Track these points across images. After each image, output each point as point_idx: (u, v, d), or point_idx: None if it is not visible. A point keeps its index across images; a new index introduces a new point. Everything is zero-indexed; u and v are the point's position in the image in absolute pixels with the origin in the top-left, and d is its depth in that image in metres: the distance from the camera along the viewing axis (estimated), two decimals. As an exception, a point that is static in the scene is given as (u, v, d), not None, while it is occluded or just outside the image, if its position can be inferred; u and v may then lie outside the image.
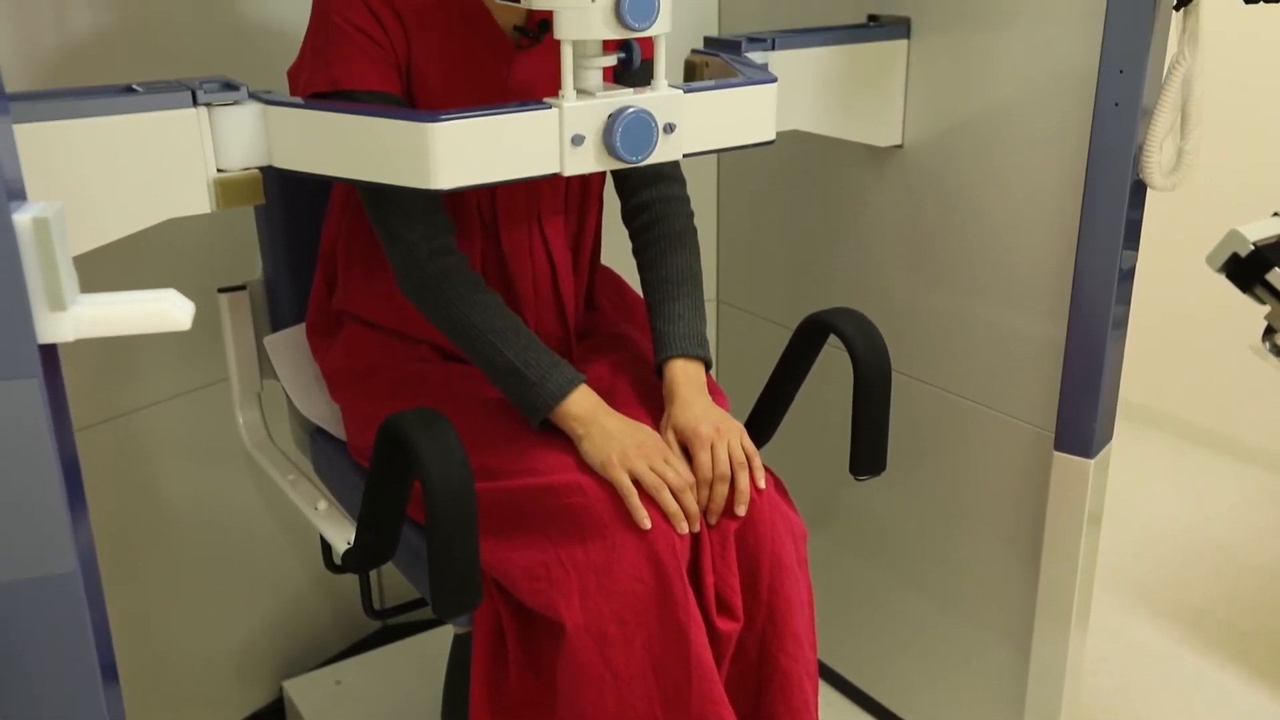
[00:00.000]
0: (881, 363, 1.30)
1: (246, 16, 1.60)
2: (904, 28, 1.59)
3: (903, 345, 1.67)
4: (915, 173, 1.64)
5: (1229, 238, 1.43)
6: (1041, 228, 1.48)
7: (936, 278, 1.66)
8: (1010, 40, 1.47)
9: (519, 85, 1.30)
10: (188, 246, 1.56)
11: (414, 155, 1.04)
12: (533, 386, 1.23)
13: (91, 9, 1.44)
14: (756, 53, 1.42)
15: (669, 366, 1.30)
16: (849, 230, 1.78)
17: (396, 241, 1.25)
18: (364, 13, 1.22)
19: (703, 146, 1.18)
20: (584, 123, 1.08)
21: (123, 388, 1.62)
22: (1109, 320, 1.42)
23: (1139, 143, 1.34)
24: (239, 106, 1.10)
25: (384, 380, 1.36)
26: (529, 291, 1.39)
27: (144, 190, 1.06)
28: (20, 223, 0.71)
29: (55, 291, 0.73)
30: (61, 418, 0.79)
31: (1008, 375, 1.59)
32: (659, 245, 1.38)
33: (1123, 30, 1.31)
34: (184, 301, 0.79)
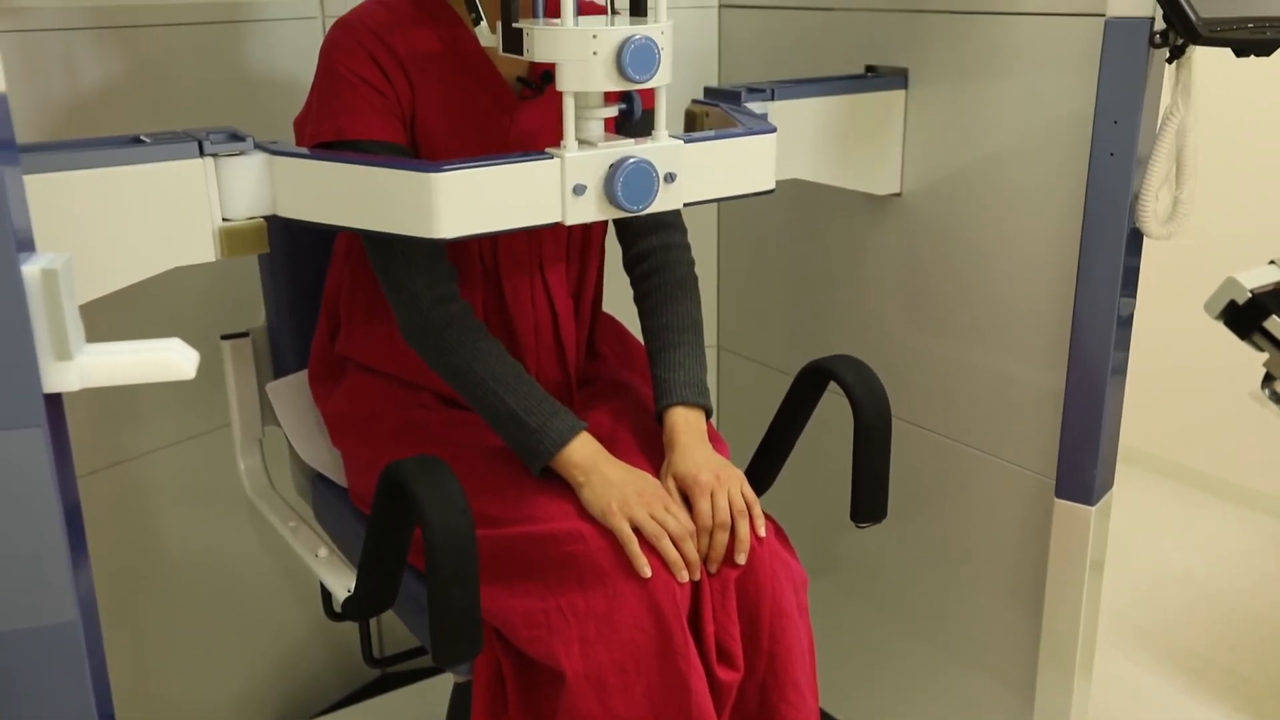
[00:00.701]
0: (881, 410, 1.30)
1: (253, 68, 1.63)
2: (901, 78, 1.61)
3: (903, 391, 1.67)
4: (914, 221, 1.66)
5: (1226, 285, 1.44)
6: (1039, 275, 1.49)
7: (936, 325, 1.66)
8: (1006, 91, 1.49)
9: (522, 135, 1.31)
10: (191, 293, 1.57)
11: (417, 205, 1.05)
12: (533, 434, 1.23)
13: (101, 60, 1.46)
14: (756, 103, 1.44)
15: (669, 414, 1.30)
16: (849, 277, 1.79)
17: (399, 289, 1.26)
18: (369, 64, 1.24)
19: (703, 196, 1.20)
20: (585, 173, 1.09)
21: (125, 433, 1.62)
22: (1108, 367, 1.43)
23: (1135, 191, 1.35)
24: (245, 156, 1.11)
25: (386, 427, 1.36)
26: (530, 339, 1.39)
27: (150, 239, 1.07)
28: (29, 274, 0.71)
29: (61, 341, 0.74)
30: (65, 466, 0.79)
31: (1008, 422, 1.59)
32: (660, 293, 1.39)
33: (1116, 82, 1.32)
34: (188, 351, 0.80)
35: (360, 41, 1.24)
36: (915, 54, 1.59)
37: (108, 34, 1.46)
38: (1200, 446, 2.88)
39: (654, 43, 1.07)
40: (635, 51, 1.05)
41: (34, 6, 1.37)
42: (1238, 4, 1.20)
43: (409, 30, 1.26)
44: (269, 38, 1.63)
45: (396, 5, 1.28)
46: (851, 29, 1.68)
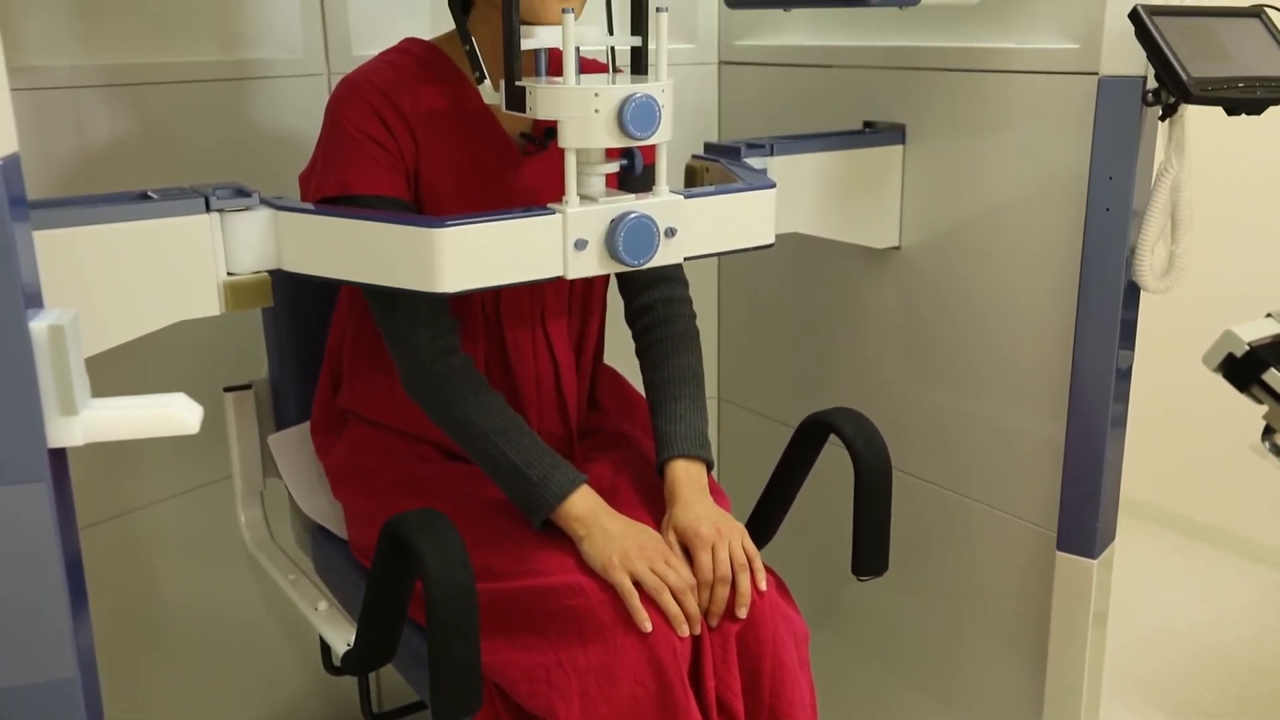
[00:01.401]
0: (882, 462, 1.30)
1: (259, 123, 1.65)
2: (899, 134, 1.63)
3: (903, 443, 1.67)
4: (913, 274, 1.67)
5: (1224, 338, 1.44)
6: (1038, 328, 1.50)
7: (935, 376, 1.67)
8: (1002, 146, 1.51)
9: (524, 190, 1.33)
10: (193, 344, 1.58)
11: (420, 259, 1.06)
12: (534, 487, 1.23)
13: (110, 117, 1.48)
14: (755, 158, 1.46)
15: (670, 467, 1.30)
16: (848, 329, 1.80)
17: (402, 343, 1.26)
18: (374, 120, 1.26)
19: (703, 250, 1.21)
20: (587, 227, 1.10)
21: (125, 485, 1.62)
22: (1108, 419, 1.43)
23: (1131, 245, 1.36)
24: (250, 212, 1.13)
25: (387, 479, 1.36)
26: (532, 391, 1.40)
27: (156, 293, 1.08)
28: (37, 330, 0.72)
29: (67, 397, 0.74)
30: (67, 521, 0.80)
31: (1008, 474, 1.59)
32: (662, 346, 1.40)
33: (1111, 139, 1.34)
34: (193, 405, 0.80)
35: (365, 99, 1.26)
36: (912, 110, 1.62)
37: (116, 91, 1.48)
38: (1202, 498, 2.87)
39: (655, 101, 1.08)
40: (636, 109, 1.07)
41: (47, 65, 1.40)
42: (1228, 64, 1.22)
43: (414, 88, 1.28)
44: (275, 94, 1.65)
45: (401, 63, 1.31)
46: (849, 86, 1.70)
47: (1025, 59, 1.46)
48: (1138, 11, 1.23)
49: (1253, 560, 2.78)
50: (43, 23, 1.40)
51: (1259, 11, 1.32)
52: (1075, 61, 1.39)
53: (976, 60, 1.52)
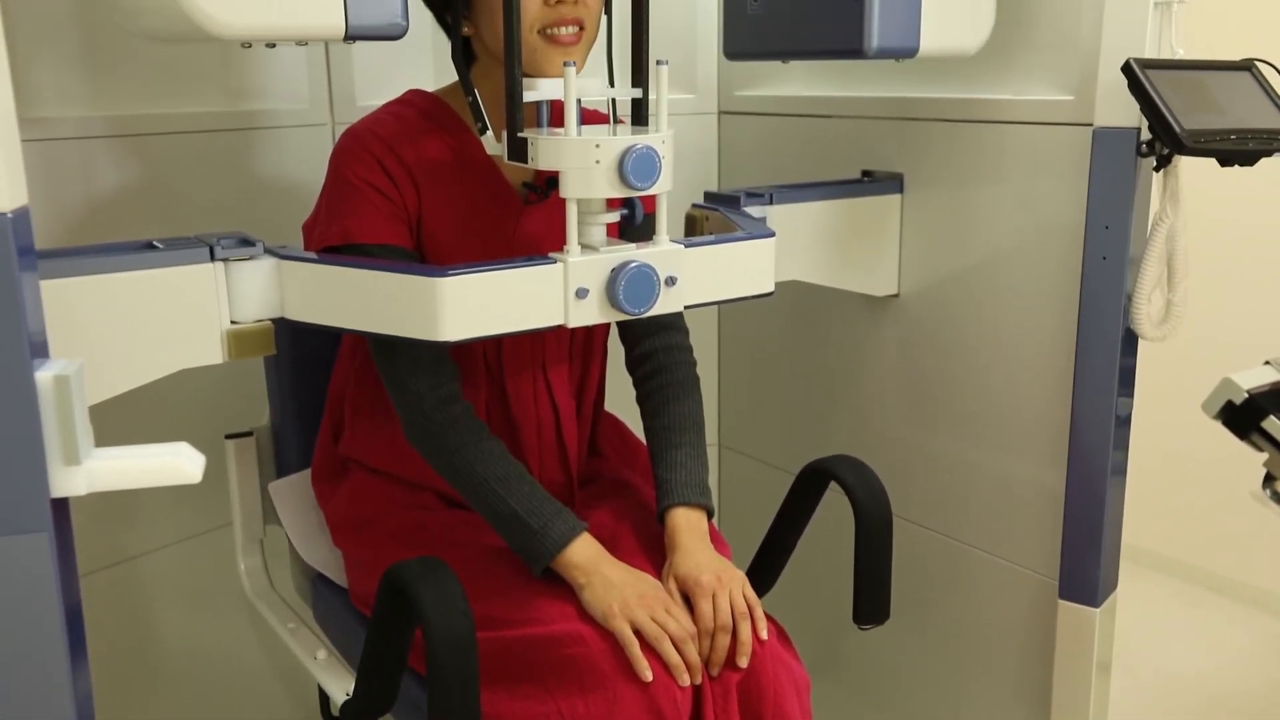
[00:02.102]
0: (882, 510, 1.30)
1: (264, 173, 1.67)
2: (897, 183, 1.65)
3: (903, 490, 1.67)
4: (912, 321, 1.68)
5: (1223, 386, 1.45)
6: (1037, 375, 1.51)
7: (935, 424, 1.67)
8: (999, 196, 1.52)
9: (526, 239, 1.34)
10: (195, 391, 1.58)
11: (423, 308, 1.07)
12: (535, 535, 1.23)
13: (117, 167, 1.50)
14: (755, 207, 1.48)
15: (671, 515, 1.30)
16: (848, 376, 1.81)
17: (403, 390, 1.27)
18: (377, 170, 1.27)
19: (703, 298, 1.22)
20: (588, 276, 1.11)
21: (125, 532, 1.62)
22: (1108, 467, 1.43)
23: (1128, 293, 1.37)
24: (254, 261, 1.14)
25: (387, 527, 1.36)
26: (533, 438, 1.40)
27: (160, 342, 1.09)
28: (42, 380, 0.73)
29: (70, 447, 0.75)
30: (68, 570, 0.80)
31: (1009, 522, 1.59)
32: (662, 393, 1.40)
33: (1106, 189, 1.36)
34: (195, 455, 0.81)
35: (369, 149, 1.28)
36: (910, 160, 1.64)
37: (123, 141, 1.50)
38: (1206, 545, 2.86)
39: (655, 152, 1.10)
40: (637, 160, 1.08)
41: (56, 116, 1.42)
42: (1221, 116, 1.24)
43: (417, 139, 1.29)
44: (279, 144, 1.67)
45: (405, 115, 1.32)
46: (848, 135, 1.72)
47: (1021, 110, 1.48)
48: (1131, 65, 1.24)
49: (1257, 608, 2.76)
50: (53, 75, 1.42)
51: (1249, 65, 1.34)
52: (1070, 113, 1.41)
53: (973, 111, 1.54)
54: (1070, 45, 1.41)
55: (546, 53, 1.21)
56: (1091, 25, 1.37)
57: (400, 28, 1.06)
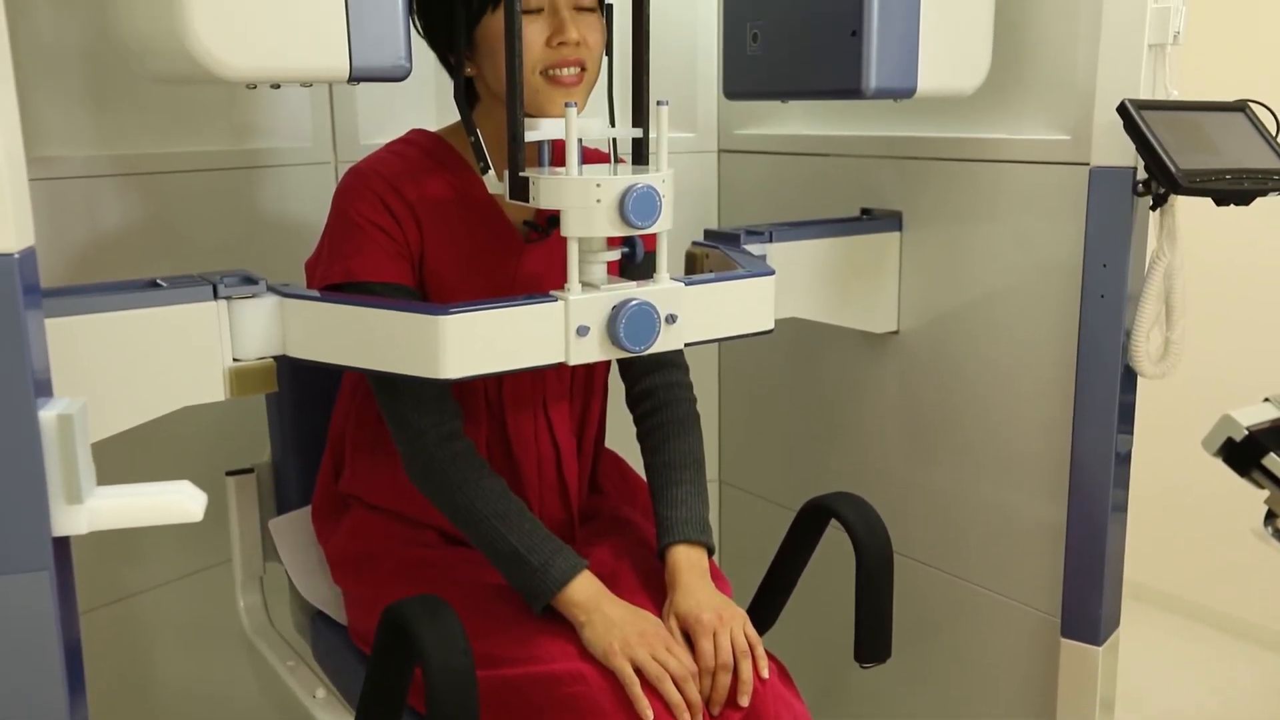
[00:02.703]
0: (883, 548, 1.30)
1: (267, 211, 1.68)
2: (896, 221, 1.66)
3: (904, 527, 1.67)
4: (911, 358, 1.69)
5: (1222, 423, 1.45)
6: (1037, 412, 1.51)
7: (936, 461, 1.67)
8: (997, 234, 1.53)
9: (527, 277, 1.35)
10: (196, 428, 1.58)
11: (424, 346, 1.08)
12: (535, 572, 1.23)
13: (121, 205, 1.51)
14: (755, 245, 1.49)
15: (671, 552, 1.30)
16: (848, 413, 1.81)
17: (405, 427, 1.27)
18: (380, 209, 1.28)
19: (703, 336, 1.22)
20: (589, 314, 1.12)
21: (125, 570, 1.62)
22: (1108, 504, 1.43)
23: (1127, 330, 1.38)
24: (257, 299, 1.14)
25: (388, 565, 1.36)
26: (533, 475, 1.40)
27: (162, 380, 1.09)
28: (45, 419, 0.73)
29: (73, 486, 0.75)
30: (68, 608, 0.80)
31: (1010, 559, 1.59)
32: (662, 430, 1.40)
33: (1103, 227, 1.37)
34: (197, 494, 0.81)
35: (372, 188, 1.29)
36: (909, 198, 1.65)
37: (128, 180, 1.51)
38: (1209, 582, 2.85)
39: (655, 191, 1.11)
40: (637, 199, 1.09)
41: (62, 155, 1.43)
42: (1215, 156, 1.25)
43: (419, 178, 1.31)
44: (283, 182, 1.68)
45: (407, 154, 1.33)
46: (847, 174, 1.74)
47: (1018, 149, 1.49)
48: (1126, 105, 1.26)
49: (1261, 646, 2.74)
50: (60, 114, 1.43)
51: (1243, 106, 1.35)
52: (1067, 152, 1.42)
53: (971, 150, 1.55)
54: (1066, 86, 1.43)
55: (548, 93, 1.22)
56: (1087, 67, 1.39)
57: (404, 69, 1.07)
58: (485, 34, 1.23)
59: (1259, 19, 2.35)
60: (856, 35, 1.32)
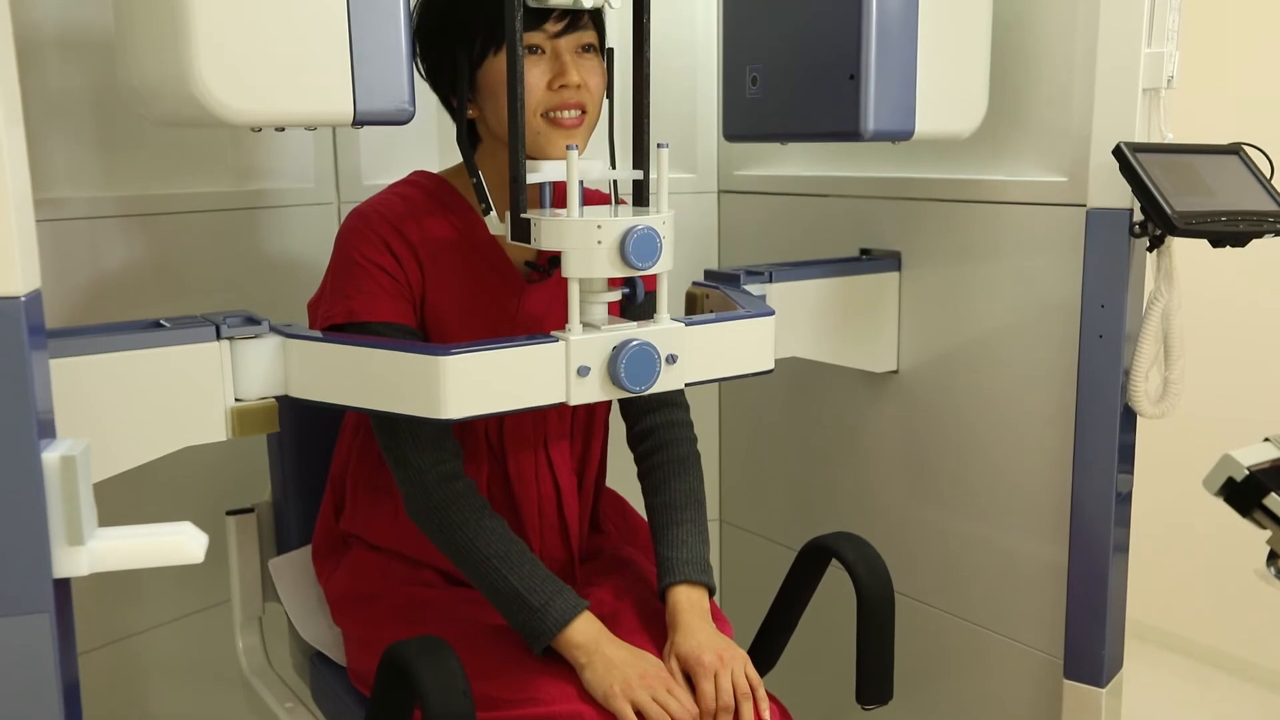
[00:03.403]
0: (884, 589, 1.30)
1: (270, 251, 1.69)
2: (895, 261, 1.67)
3: (905, 567, 1.67)
4: (911, 398, 1.69)
5: (1223, 463, 1.45)
6: (1037, 452, 1.51)
7: (936, 500, 1.67)
8: (996, 274, 1.54)
9: (528, 317, 1.35)
10: (197, 468, 1.58)
11: (426, 386, 1.08)
12: (535, 613, 1.23)
13: (126, 246, 1.52)
14: (755, 285, 1.49)
15: (672, 593, 1.30)
16: (849, 452, 1.81)
17: (405, 466, 1.27)
18: (383, 250, 1.29)
19: (704, 376, 1.23)
20: (589, 355, 1.13)
21: (124, 611, 1.61)
22: (1110, 544, 1.43)
23: (1126, 369, 1.38)
24: (259, 339, 1.15)
25: (388, 605, 1.36)
26: (534, 515, 1.40)
27: (165, 420, 1.10)
28: (48, 461, 0.73)
29: (75, 527, 0.75)
30: (67, 651, 0.80)
31: (1012, 599, 1.58)
32: (663, 470, 1.41)
33: (1101, 268, 1.38)
34: (198, 534, 0.81)
35: (374, 229, 1.30)
36: (907, 238, 1.66)
37: (133, 221, 1.52)
38: (1212, 622, 2.83)
39: (656, 233, 1.12)
40: (638, 241, 1.10)
41: (67, 197, 1.44)
42: (1211, 199, 1.26)
43: (421, 219, 1.32)
44: (286, 222, 1.70)
45: (409, 195, 1.34)
46: (846, 214, 1.75)
47: (1015, 191, 1.50)
48: (1121, 148, 1.27)
49: (1267, 688, 2.72)
50: (66, 156, 1.45)
51: (1237, 149, 1.37)
52: (1064, 194, 1.43)
53: (969, 191, 1.57)
54: (1062, 129, 1.45)
55: (549, 135, 1.23)
56: (1082, 110, 1.40)
57: (407, 113, 1.08)
58: (487, 77, 1.25)
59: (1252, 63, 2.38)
60: (855, 79, 1.34)
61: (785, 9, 1.42)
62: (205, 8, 0.96)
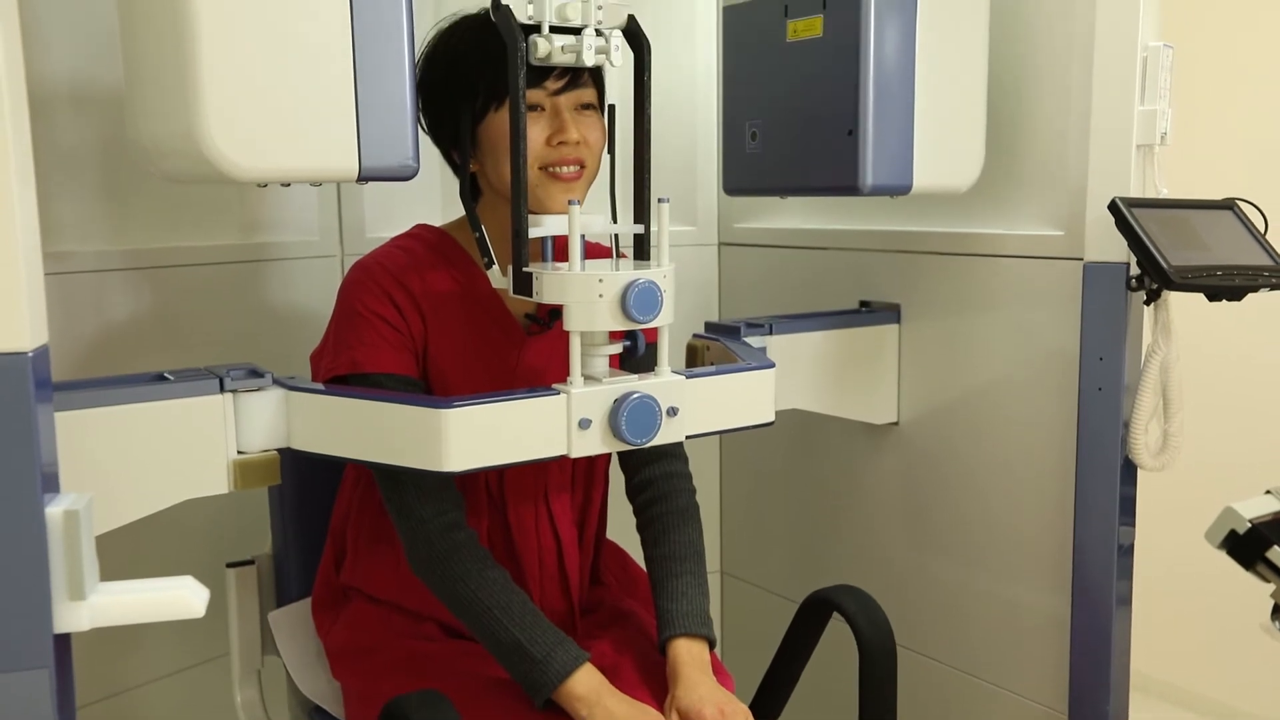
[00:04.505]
0: (886, 642, 1.29)
1: (274, 302, 1.70)
2: (894, 313, 1.68)
3: (907, 619, 1.66)
4: (911, 449, 1.69)
5: (1225, 515, 1.44)
6: (1037, 504, 1.51)
7: (938, 552, 1.67)
8: (994, 326, 1.55)
9: (529, 370, 1.36)
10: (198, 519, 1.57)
11: (428, 439, 1.09)
12: (536, 664, 1.22)
13: (131, 298, 1.53)
14: (755, 337, 1.50)
15: (673, 646, 1.29)
16: (850, 503, 1.81)
17: (407, 516, 1.27)
18: (385, 302, 1.30)
19: (704, 429, 1.23)
20: (590, 408, 1.13)
21: (122, 664, 1.60)
22: (1113, 597, 1.42)
23: (1125, 421, 1.39)
24: (263, 392, 1.15)
25: (387, 658, 1.35)
26: (534, 566, 1.40)
27: (167, 472, 1.10)
28: (52, 516, 0.74)
29: (76, 582, 0.75)
30: (66, 705, 0.79)
31: (1015, 653, 1.57)
32: (662, 522, 1.40)
33: (1098, 320, 1.38)
34: (199, 588, 0.81)
35: (377, 281, 1.31)
36: (907, 290, 1.67)
37: (138, 274, 1.54)
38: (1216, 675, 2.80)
39: (657, 286, 1.12)
40: (639, 295, 1.11)
41: (74, 250, 1.46)
42: (1206, 253, 1.28)
43: (424, 272, 1.33)
44: (290, 275, 1.71)
45: (412, 248, 1.36)
46: (845, 267, 1.76)
47: (1013, 244, 1.52)
48: (1117, 203, 1.29)
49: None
50: (74, 210, 1.47)
51: (1231, 204, 1.38)
52: (1061, 247, 1.45)
53: (967, 245, 1.58)
54: (1058, 183, 1.46)
55: (548, 189, 1.25)
56: (1078, 165, 1.42)
57: (411, 169, 1.10)
58: (488, 132, 1.26)
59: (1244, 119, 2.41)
60: (853, 134, 1.36)
61: (784, 66, 1.45)
62: (214, 67, 0.97)
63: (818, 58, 1.40)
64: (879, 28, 1.34)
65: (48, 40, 1.42)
